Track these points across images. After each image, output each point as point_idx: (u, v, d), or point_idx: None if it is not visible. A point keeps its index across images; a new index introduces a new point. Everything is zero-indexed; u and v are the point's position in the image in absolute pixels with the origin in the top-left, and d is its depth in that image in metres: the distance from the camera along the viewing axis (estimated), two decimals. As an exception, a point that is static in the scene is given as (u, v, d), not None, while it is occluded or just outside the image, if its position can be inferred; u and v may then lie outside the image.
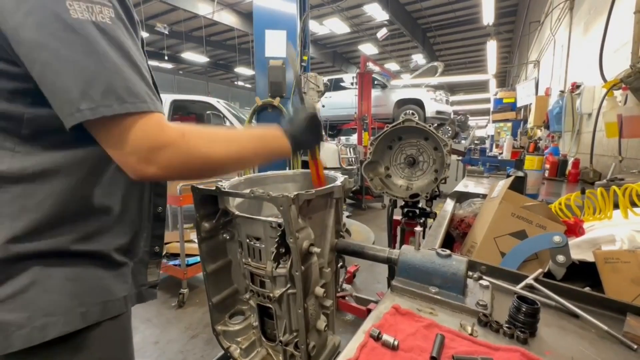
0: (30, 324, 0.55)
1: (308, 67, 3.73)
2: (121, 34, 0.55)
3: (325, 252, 0.79)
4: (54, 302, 0.58)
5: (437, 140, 1.40)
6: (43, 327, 0.56)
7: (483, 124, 18.96)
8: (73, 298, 0.60)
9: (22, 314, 0.55)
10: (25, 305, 0.55)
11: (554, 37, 5.19)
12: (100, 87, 0.51)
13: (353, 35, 13.82)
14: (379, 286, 3.06)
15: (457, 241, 1.25)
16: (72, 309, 0.59)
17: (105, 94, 0.51)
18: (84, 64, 0.50)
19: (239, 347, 0.81)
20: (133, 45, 0.57)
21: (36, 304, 0.56)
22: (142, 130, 0.55)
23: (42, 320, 0.56)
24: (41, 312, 0.56)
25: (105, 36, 0.52)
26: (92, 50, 0.51)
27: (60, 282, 0.59)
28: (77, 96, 0.50)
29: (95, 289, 0.64)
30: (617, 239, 0.80)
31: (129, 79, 0.54)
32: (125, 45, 0.55)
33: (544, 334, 0.54)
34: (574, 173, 2.36)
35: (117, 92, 0.52)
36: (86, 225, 0.62)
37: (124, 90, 0.53)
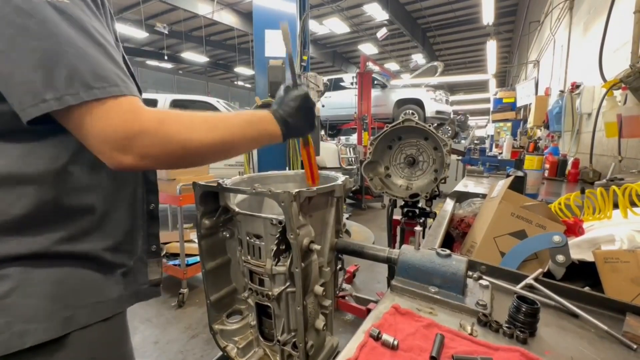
0: (8, 329, 0.52)
1: (308, 66, 3.72)
2: (82, 13, 0.50)
3: (325, 251, 0.79)
4: (35, 307, 0.54)
5: (436, 140, 1.39)
6: (22, 333, 0.52)
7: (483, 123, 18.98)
8: (56, 302, 0.56)
9: (0, 319, 0.52)
10: (4, 310, 0.52)
11: (554, 37, 5.19)
12: (64, 73, 0.47)
13: (353, 35, 13.82)
14: (379, 286, 3.06)
15: (457, 241, 1.25)
16: (54, 314, 0.56)
17: (70, 80, 0.47)
18: (43, 50, 0.46)
19: (236, 347, 0.81)
20: (98, 25, 0.52)
21: (16, 310, 0.53)
22: (115, 117, 0.51)
23: (20, 326, 0.52)
24: (21, 317, 0.53)
25: (63, 16, 0.47)
26: (50, 33, 0.46)
27: (43, 286, 0.55)
28: (40, 86, 0.46)
29: (83, 291, 0.60)
30: (616, 238, 0.80)
31: (95, 61, 0.49)
32: (88, 25, 0.50)
33: (544, 334, 0.54)
34: (574, 173, 2.36)
35: (82, 77, 0.48)
36: (67, 225, 0.59)
37: (90, 74, 0.48)
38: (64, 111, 0.48)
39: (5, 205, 0.53)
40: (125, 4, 12.44)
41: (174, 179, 2.68)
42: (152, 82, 17.12)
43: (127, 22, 12.82)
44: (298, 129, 0.75)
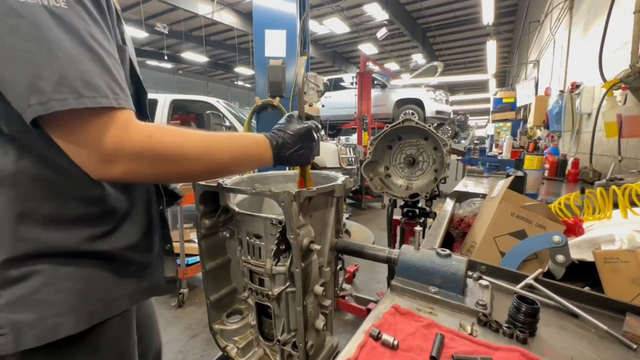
0: (41, 324, 0.55)
1: (308, 66, 3.73)
2: (79, 20, 0.48)
3: (325, 251, 0.79)
4: (64, 302, 0.58)
5: (436, 140, 1.39)
6: (54, 326, 0.56)
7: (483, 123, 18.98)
8: (82, 297, 0.60)
9: (34, 314, 0.55)
10: (37, 305, 0.56)
11: (554, 37, 5.19)
12: (52, 78, 0.45)
13: (353, 35, 13.81)
14: (379, 286, 3.06)
15: (457, 241, 1.25)
16: (81, 308, 0.60)
17: (58, 86, 0.45)
18: (32, 53, 0.44)
19: (236, 347, 0.81)
20: (98, 32, 0.51)
21: (47, 304, 0.57)
22: (104, 130, 0.50)
23: (53, 319, 0.56)
24: (52, 311, 0.57)
25: (58, 21, 0.46)
26: (41, 37, 0.45)
27: (70, 283, 0.59)
28: (26, 90, 0.45)
29: (104, 287, 0.64)
30: (616, 238, 0.80)
31: (87, 69, 0.48)
32: (84, 32, 0.48)
33: (544, 334, 0.54)
34: (574, 173, 2.36)
35: (72, 84, 0.46)
36: (92, 225, 0.61)
37: (80, 82, 0.47)
38: (50, 117, 0.46)
39: (37, 203, 0.56)
40: (125, 3, 12.43)
41: (174, 179, 2.67)
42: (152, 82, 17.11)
43: (127, 22, 12.78)
44: (291, 161, 0.74)
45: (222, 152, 0.63)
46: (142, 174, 0.55)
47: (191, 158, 0.58)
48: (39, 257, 0.57)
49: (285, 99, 3.43)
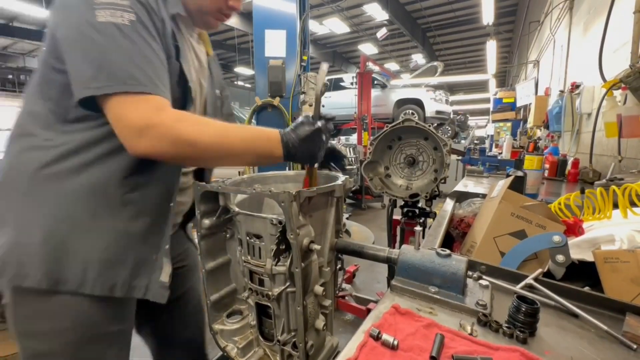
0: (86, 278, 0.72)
1: (308, 67, 3.72)
2: (136, 34, 0.66)
3: (325, 251, 0.79)
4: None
5: (436, 140, 1.39)
6: (93, 285, 0.72)
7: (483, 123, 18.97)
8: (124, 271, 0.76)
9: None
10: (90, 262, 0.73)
11: (554, 37, 5.19)
12: (107, 71, 0.63)
13: (353, 35, 13.81)
14: (379, 286, 3.06)
15: (457, 241, 1.25)
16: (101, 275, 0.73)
17: (111, 77, 0.63)
18: (99, 54, 0.63)
19: (236, 347, 0.80)
20: (150, 41, 0.68)
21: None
22: (138, 109, 0.64)
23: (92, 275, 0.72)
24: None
25: (122, 34, 0.64)
26: (108, 44, 0.63)
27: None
28: (89, 77, 0.63)
29: (115, 266, 0.75)
30: (616, 238, 0.80)
31: (134, 67, 0.64)
32: (138, 42, 0.66)
33: (544, 334, 0.54)
34: (574, 173, 2.36)
35: (120, 76, 0.63)
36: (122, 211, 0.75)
37: (126, 75, 0.64)
38: (103, 98, 0.64)
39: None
40: (125, 3, 12.38)
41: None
42: (152, 82, 17.09)
43: (127, 22, 12.80)
44: (299, 157, 0.78)
45: (235, 143, 0.72)
46: (164, 152, 0.67)
47: (206, 144, 0.69)
48: None
49: (285, 99, 3.43)
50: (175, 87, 0.76)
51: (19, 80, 16.69)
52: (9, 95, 15.98)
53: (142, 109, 0.64)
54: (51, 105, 0.72)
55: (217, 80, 1.00)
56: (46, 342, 0.74)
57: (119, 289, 0.75)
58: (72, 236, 0.71)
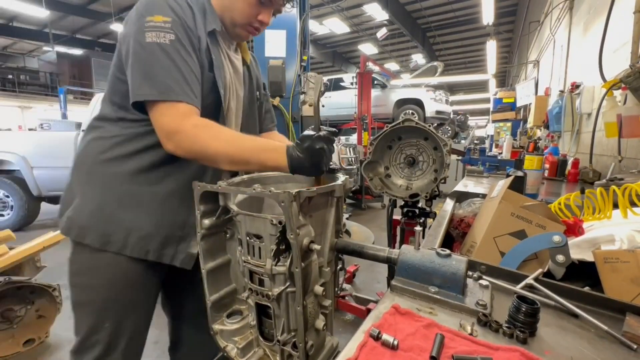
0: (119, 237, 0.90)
1: (308, 66, 3.72)
2: (175, 51, 0.81)
3: (325, 251, 0.79)
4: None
5: (436, 140, 1.39)
6: (122, 245, 0.90)
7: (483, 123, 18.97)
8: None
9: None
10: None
11: (554, 37, 5.19)
12: (150, 82, 0.80)
13: (353, 35, 13.82)
14: (379, 286, 3.06)
15: (457, 241, 1.25)
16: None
17: (152, 87, 0.79)
18: (145, 68, 0.80)
19: (235, 347, 0.80)
20: (186, 57, 0.83)
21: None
22: (169, 115, 0.80)
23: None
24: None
25: (163, 52, 0.80)
26: (153, 60, 0.80)
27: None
28: (136, 85, 0.81)
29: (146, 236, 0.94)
30: (616, 238, 0.80)
31: (170, 79, 0.80)
32: (177, 58, 0.81)
33: (544, 334, 0.54)
34: (574, 173, 2.36)
35: (159, 87, 0.79)
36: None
37: (164, 86, 0.79)
38: (147, 104, 0.82)
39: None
40: (125, 4, 12.42)
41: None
42: (152, 82, 17.07)
43: (127, 22, 12.80)
44: (304, 170, 0.82)
45: (244, 152, 0.82)
46: (187, 152, 0.82)
47: (216, 151, 0.81)
48: None
49: (285, 99, 3.43)
50: (208, 93, 0.91)
51: (18, 80, 16.68)
52: (9, 95, 15.98)
53: (172, 115, 0.80)
54: (116, 109, 0.91)
55: (255, 83, 1.16)
56: (88, 294, 0.93)
57: (152, 254, 0.92)
58: (118, 209, 0.90)
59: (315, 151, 0.79)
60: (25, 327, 1.97)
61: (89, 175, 0.92)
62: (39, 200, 4.72)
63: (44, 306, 2.04)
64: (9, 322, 1.91)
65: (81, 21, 14.35)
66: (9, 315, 1.91)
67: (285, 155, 0.80)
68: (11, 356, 1.92)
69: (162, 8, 0.82)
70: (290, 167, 0.81)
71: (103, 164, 0.91)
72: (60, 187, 4.49)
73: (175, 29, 0.81)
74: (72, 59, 16.92)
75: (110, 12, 12.27)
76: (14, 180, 4.46)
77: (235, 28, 0.97)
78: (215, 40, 0.95)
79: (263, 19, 0.96)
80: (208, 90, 0.91)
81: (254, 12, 0.94)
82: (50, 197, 4.78)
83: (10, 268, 1.99)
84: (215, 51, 0.93)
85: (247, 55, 1.12)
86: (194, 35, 0.87)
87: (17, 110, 16.34)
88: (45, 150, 4.47)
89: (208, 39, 0.91)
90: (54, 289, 2.03)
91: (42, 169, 4.44)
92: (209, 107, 0.91)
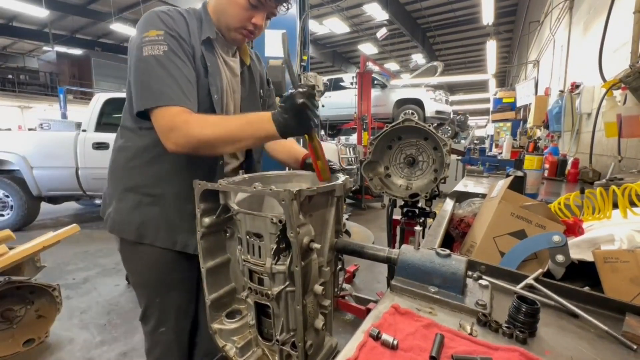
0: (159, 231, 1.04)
1: (308, 66, 3.72)
2: (168, 60, 0.87)
3: (325, 251, 0.79)
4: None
5: (436, 140, 1.39)
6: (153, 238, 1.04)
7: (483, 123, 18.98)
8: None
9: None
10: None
11: (554, 37, 5.19)
12: (147, 91, 0.86)
13: (353, 35, 13.82)
14: (379, 286, 3.06)
15: (457, 241, 1.25)
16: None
17: (149, 95, 0.86)
18: (143, 79, 0.87)
19: (234, 347, 0.80)
20: (179, 64, 0.89)
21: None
22: (164, 117, 0.86)
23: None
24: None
25: (158, 63, 0.86)
26: (149, 71, 0.87)
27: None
28: (137, 96, 0.89)
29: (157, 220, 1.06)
30: (616, 238, 0.80)
31: (165, 86, 0.86)
32: (170, 67, 0.87)
33: (543, 334, 0.54)
34: (574, 173, 2.36)
35: (155, 95, 0.86)
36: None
37: (159, 93, 0.86)
38: (147, 112, 0.88)
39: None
40: (125, 4, 12.43)
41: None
42: (151, 82, 17.05)
43: (127, 22, 12.82)
44: (293, 129, 0.85)
45: (234, 130, 0.86)
46: (184, 147, 0.86)
47: (209, 136, 0.85)
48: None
49: (285, 99, 3.41)
50: (205, 98, 0.98)
51: (18, 80, 16.68)
52: (9, 95, 15.97)
53: (168, 116, 0.86)
54: (133, 120, 1.00)
55: (258, 81, 1.23)
56: (137, 277, 1.12)
57: (178, 245, 1.04)
58: (148, 208, 1.02)
59: (298, 107, 0.81)
60: (25, 327, 1.97)
61: (121, 180, 1.05)
62: (38, 200, 4.71)
63: (44, 306, 2.04)
64: (8, 322, 1.91)
65: (81, 21, 14.35)
66: (9, 315, 1.91)
67: (272, 122, 0.83)
68: (11, 356, 1.92)
69: (155, 23, 0.89)
70: (279, 131, 0.83)
71: (131, 170, 1.03)
72: (60, 187, 4.55)
73: (168, 40, 0.88)
74: (72, 58, 16.92)
75: (110, 12, 12.27)
76: (13, 180, 4.46)
77: (231, 32, 1.01)
78: (211, 47, 1.01)
79: (256, 22, 0.99)
80: (205, 94, 0.98)
81: (246, 15, 0.97)
82: (50, 197, 4.78)
83: (10, 268, 1.99)
84: (210, 58, 0.99)
85: (246, 57, 1.16)
86: (187, 44, 0.93)
87: (16, 110, 16.34)
88: (45, 150, 4.47)
89: (203, 47, 0.97)
90: (53, 289, 2.03)
91: (42, 169, 4.45)
92: (208, 111, 0.98)
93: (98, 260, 3.63)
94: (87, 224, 5.12)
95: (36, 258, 2.22)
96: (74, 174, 4.45)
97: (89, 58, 16.58)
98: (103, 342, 2.17)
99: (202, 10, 1.01)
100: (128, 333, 2.27)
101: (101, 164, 4.36)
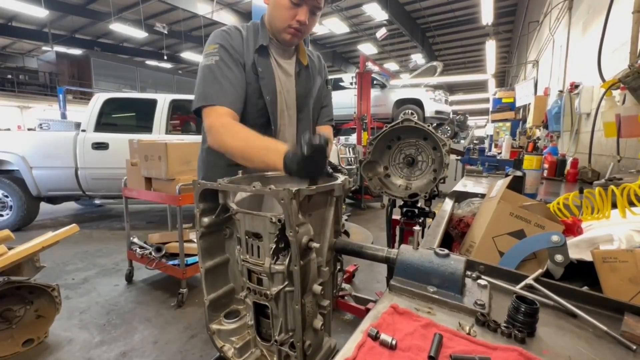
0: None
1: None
2: (218, 68, 1.06)
3: (324, 251, 0.79)
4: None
5: (436, 140, 1.39)
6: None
7: (482, 123, 18.99)
8: None
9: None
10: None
11: (553, 37, 5.20)
12: (199, 94, 1.05)
13: (352, 35, 13.82)
14: (378, 286, 3.06)
15: (456, 241, 1.25)
16: None
17: (200, 97, 1.05)
18: (197, 83, 1.07)
19: (233, 347, 0.80)
20: (226, 72, 1.06)
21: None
22: (208, 116, 1.04)
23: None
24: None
25: (210, 71, 1.06)
26: (202, 78, 1.06)
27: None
28: (195, 98, 1.06)
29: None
30: (615, 238, 0.80)
31: (212, 90, 1.04)
32: (218, 74, 1.05)
33: (542, 334, 0.54)
34: (573, 173, 2.36)
35: (204, 97, 1.04)
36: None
37: (206, 95, 1.04)
38: (199, 111, 1.06)
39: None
40: (125, 3, 12.42)
41: (174, 178, 2.66)
42: (151, 82, 17.08)
43: (126, 22, 12.81)
44: (294, 174, 0.82)
45: (252, 151, 0.93)
46: (215, 147, 1.01)
47: (231, 148, 0.97)
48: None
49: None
50: (259, 100, 1.13)
51: (18, 80, 16.65)
52: (8, 95, 15.95)
53: (210, 116, 1.03)
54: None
55: (313, 81, 1.30)
56: None
57: None
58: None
59: (308, 159, 0.77)
60: (24, 327, 1.97)
61: (200, 161, 1.29)
62: (38, 200, 4.70)
63: (43, 306, 2.04)
64: (8, 322, 1.91)
65: (80, 21, 14.33)
66: (8, 316, 1.91)
67: (282, 157, 0.83)
68: (10, 356, 1.92)
69: (214, 39, 1.09)
70: (285, 169, 0.84)
71: (202, 154, 1.27)
72: (60, 187, 4.54)
73: (220, 52, 1.06)
74: (71, 58, 16.89)
75: (109, 12, 12.26)
76: (13, 180, 4.45)
77: (280, 34, 1.11)
78: (266, 53, 1.14)
79: (300, 18, 1.06)
80: (258, 97, 1.13)
81: (290, 14, 1.06)
82: (50, 197, 4.77)
83: (9, 268, 1.99)
84: (263, 63, 1.13)
85: (304, 58, 1.26)
86: (239, 54, 1.09)
87: (16, 110, 16.31)
88: (44, 150, 4.46)
89: (256, 54, 1.11)
90: (53, 289, 2.03)
91: (41, 169, 4.44)
92: (263, 109, 1.15)
93: (97, 260, 3.62)
94: (86, 224, 5.11)
95: (35, 258, 2.22)
96: (73, 174, 4.44)
97: (88, 58, 16.55)
98: (102, 342, 2.17)
99: (260, 22, 1.16)
100: (128, 333, 2.27)
101: (100, 164, 4.33)
